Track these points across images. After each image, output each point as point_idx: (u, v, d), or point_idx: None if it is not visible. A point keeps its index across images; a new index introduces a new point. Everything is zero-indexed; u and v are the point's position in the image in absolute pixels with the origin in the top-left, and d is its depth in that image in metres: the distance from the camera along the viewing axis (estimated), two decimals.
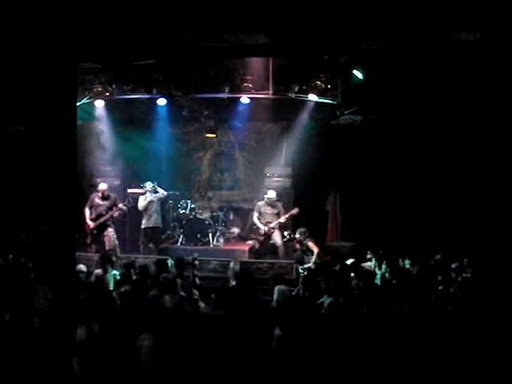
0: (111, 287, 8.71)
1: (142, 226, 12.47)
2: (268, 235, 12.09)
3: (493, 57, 9.21)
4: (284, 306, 6.94)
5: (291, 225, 12.47)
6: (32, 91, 7.74)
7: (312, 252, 10.86)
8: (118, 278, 8.94)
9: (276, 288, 8.09)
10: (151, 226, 12.44)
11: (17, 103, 9.98)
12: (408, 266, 9.71)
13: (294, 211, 12.15)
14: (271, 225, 12.04)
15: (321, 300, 7.19)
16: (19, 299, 6.25)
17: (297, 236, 11.34)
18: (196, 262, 9.59)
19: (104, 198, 11.63)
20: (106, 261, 9.44)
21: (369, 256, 10.14)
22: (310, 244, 11.00)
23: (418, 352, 5.17)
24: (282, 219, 12.05)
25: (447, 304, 6.86)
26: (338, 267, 9.04)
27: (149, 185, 12.47)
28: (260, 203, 12.46)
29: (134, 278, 8.51)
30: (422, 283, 7.76)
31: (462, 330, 5.83)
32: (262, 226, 12.12)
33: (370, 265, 10.11)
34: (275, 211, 12.18)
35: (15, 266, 9.09)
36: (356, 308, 6.46)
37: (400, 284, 7.96)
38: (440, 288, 7.73)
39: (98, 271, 9.29)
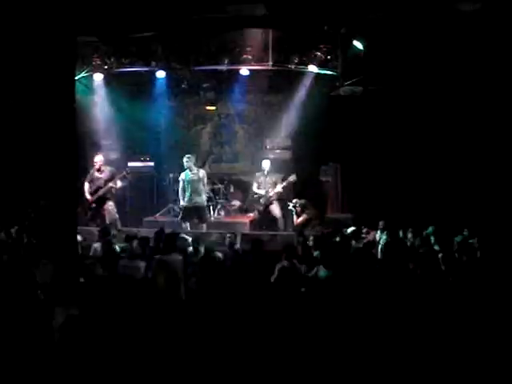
0: None
1: (182, 204, 11.84)
2: (267, 205, 12.12)
3: (493, 26, 9.16)
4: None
5: (292, 197, 12.51)
6: (31, 65, 7.71)
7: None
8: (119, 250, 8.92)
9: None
10: (190, 205, 11.73)
11: (16, 77, 9.92)
12: (411, 239, 9.72)
13: (292, 178, 12.16)
14: (269, 194, 12.07)
15: (313, 272, 7.12)
16: (22, 273, 6.30)
17: (297, 207, 11.40)
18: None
19: (100, 170, 11.57)
20: (105, 234, 9.43)
21: (365, 230, 10.12)
22: (304, 215, 11.11)
23: (417, 326, 5.22)
24: (279, 188, 12.07)
25: (448, 274, 6.91)
26: (338, 238, 9.03)
27: (186, 161, 11.72)
28: (257, 174, 12.51)
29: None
30: (421, 254, 7.77)
31: (463, 301, 5.87)
32: (262, 192, 12.14)
33: (375, 235, 10.11)
34: (273, 179, 12.20)
35: (18, 241, 9.11)
36: (353, 279, 6.49)
37: (399, 255, 7.97)
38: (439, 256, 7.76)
39: (97, 245, 9.30)
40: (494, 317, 5.29)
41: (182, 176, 11.75)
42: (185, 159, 11.70)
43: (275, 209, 12.10)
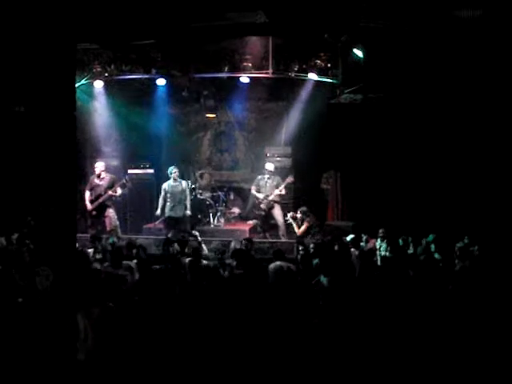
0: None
1: (166, 215, 11.96)
2: (268, 209, 12.10)
3: (494, 33, 9.16)
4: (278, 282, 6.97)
5: (292, 205, 12.51)
6: (31, 72, 7.71)
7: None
8: None
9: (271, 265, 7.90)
10: (174, 216, 11.86)
11: (17, 85, 9.93)
12: (411, 246, 9.70)
13: (289, 179, 12.21)
14: (270, 197, 12.07)
15: (316, 279, 7.13)
16: (21, 280, 6.29)
17: (298, 215, 11.37)
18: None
19: (100, 177, 11.58)
20: (95, 239, 9.48)
21: (364, 237, 10.09)
22: (305, 223, 11.07)
23: (418, 332, 5.20)
24: (281, 190, 12.06)
25: (447, 282, 6.89)
26: (337, 247, 9.00)
27: (174, 171, 11.90)
28: (259, 177, 12.57)
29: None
30: (422, 262, 7.77)
31: (463, 308, 5.85)
32: (260, 195, 12.15)
33: (376, 244, 10.07)
34: (274, 183, 12.20)
35: (18, 248, 9.10)
36: (354, 286, 6.48)
37: (399, 263, 7.97)
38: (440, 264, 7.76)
39: (90, 251, 9.30)
40: (493, 324, 5.28)
41: (164, 186, 11.87)
42: (173, 169, 11.90)
43: (277, 214, 12.08)
